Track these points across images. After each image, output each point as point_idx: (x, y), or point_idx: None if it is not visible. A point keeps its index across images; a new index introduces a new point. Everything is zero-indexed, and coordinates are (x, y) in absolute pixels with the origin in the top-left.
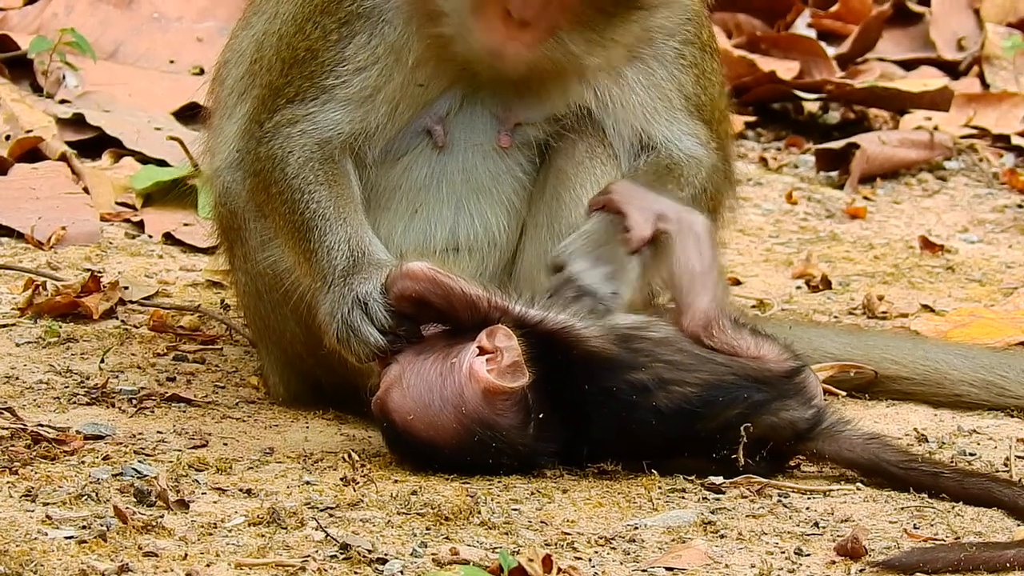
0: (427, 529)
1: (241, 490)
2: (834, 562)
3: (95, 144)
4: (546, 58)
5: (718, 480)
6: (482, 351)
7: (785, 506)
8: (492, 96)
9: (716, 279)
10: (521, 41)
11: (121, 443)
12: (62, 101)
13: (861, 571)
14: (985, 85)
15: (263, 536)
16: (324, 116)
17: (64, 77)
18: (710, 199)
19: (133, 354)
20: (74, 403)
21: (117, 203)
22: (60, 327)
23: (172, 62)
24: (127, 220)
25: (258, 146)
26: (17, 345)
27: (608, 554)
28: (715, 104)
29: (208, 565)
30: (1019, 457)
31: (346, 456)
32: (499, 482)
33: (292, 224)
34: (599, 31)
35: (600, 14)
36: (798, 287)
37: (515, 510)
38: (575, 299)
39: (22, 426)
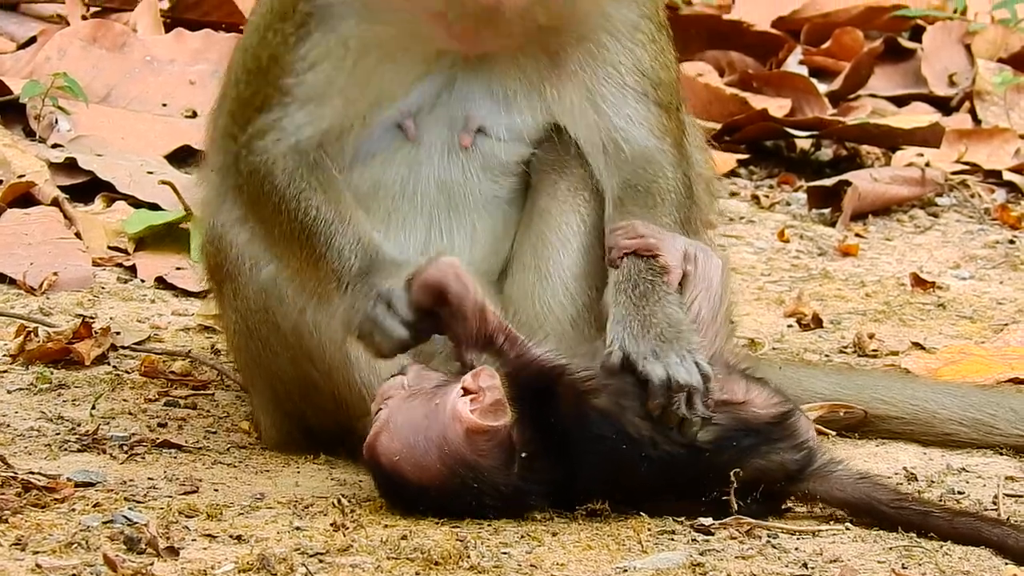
0: (416, 574)
1: (231, 536)
2: None
3: (88, 188)
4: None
5: (707, 521)
6: (466, 391)
7: (774, 547)
8: (460, 93)
9: (720, 329)
10: None
11: (112, 490)
12: (55, 145)
13: None
14: (976, 121)
15: None
16: (290, 120)
17: (56, 121)
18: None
19: (124, 400)
20: (65, 450)
21: (109, 247)
22: (51, 373)
23: (165, 105)
24: (119, 265)
25: (236, 162)
26: (8, 392)
27: None
28: (673, 87)
29: None
30: (1007, 495)
31: (336, 501)
32: (489, 526)
33: (292, 233)
34: None
35: None
36: (789, 325)
37: (505, 554)
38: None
39: (12, 474)
